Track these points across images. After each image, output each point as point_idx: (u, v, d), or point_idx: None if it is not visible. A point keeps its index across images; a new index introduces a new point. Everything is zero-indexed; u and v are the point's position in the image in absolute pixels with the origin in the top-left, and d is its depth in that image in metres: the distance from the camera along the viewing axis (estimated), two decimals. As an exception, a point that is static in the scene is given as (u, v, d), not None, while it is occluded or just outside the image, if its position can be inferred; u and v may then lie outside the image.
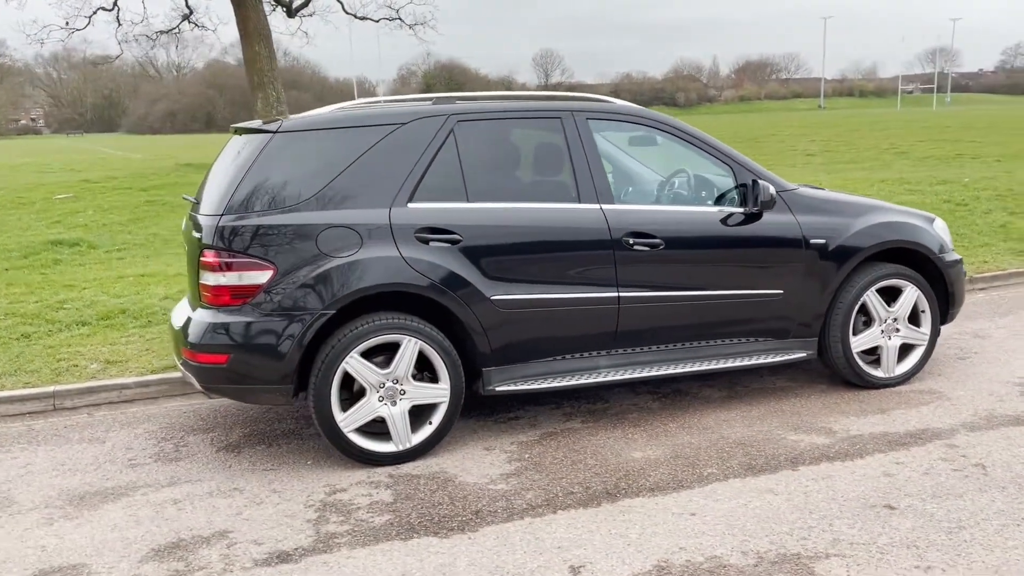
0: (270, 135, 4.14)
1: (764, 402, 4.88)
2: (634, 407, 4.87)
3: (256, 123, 4.46)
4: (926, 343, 5.10)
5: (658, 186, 5.21)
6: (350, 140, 4.20)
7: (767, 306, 4.75)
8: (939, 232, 5.15)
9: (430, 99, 4.57)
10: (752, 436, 4.36)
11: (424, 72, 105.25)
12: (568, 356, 4.45)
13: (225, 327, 3.98)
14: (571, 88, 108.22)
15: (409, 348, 4.12)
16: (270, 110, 16.48)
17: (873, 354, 5.03)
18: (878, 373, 5.01)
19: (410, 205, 4.18)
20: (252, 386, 4.05)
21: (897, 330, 5.03)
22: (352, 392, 4.15)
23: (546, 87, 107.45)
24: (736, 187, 4.73)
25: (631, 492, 3.77)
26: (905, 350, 5.08)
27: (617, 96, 5.30)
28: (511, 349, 4.33)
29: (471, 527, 3.51)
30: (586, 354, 4.49)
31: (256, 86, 17.24)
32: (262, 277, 3.99)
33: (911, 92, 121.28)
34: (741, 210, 4.68)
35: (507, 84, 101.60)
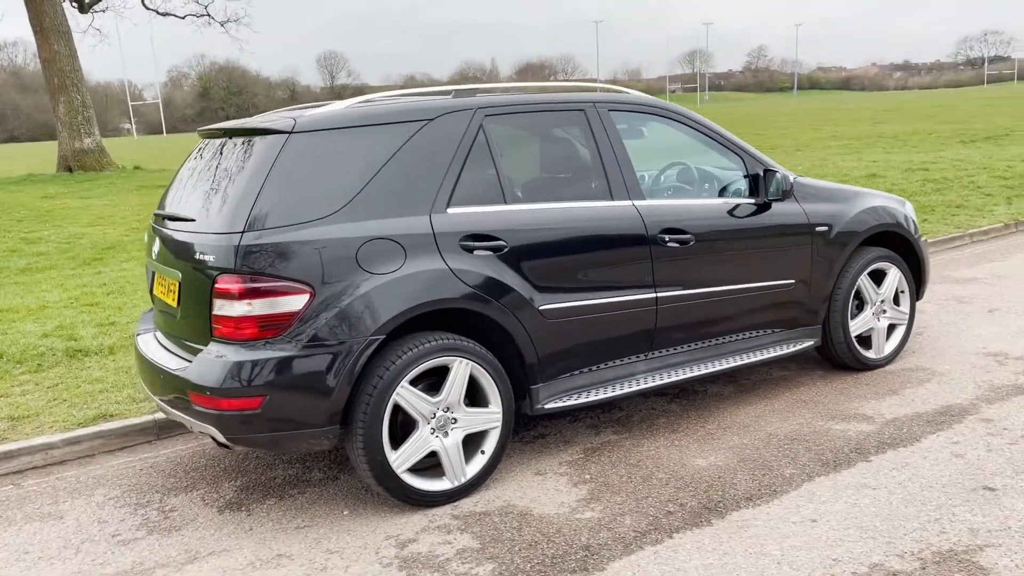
0: (284, 136, 3.52)
1: (779, 394, 4.83)
2: (655, 412, 4.65)
3: (255, 122, 3.79)
4: (907, 322, 5.27)
5: (650, 179, 5.02)
6: (378, 139, 3.66)
7: (782, 296, 4.69)
8: (910, 214, 5.33)
9: (449, 92, 4.10)
10: (798, 430, 4.27)
11: (200, 74, 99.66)
12: (607, 365, 4.16)
13: (257, 365, 3.33)
14: (359, 90, 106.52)
15: (461, 371, 3.66)
16: (75, 115, 14.72)
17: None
18: (871, 355, 5.11)
19: (449, 210, 3.71)
20: (293, 432, 3.42)
21: (884, 311, 5.16)
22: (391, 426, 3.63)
23: (332, 89, 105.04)
24: (746, 177, 4.63)
25: (731, 504, 3.54)
26: (889, 331, 5.22)
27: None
28: (557, 363, 3.97)
29: (596, 566, 3.14)
30: (625, 360, 4.21)
31: (57, 89, 15.34)
32: (297, 302, 3.37)
33: (675, 91, 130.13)
34: (757, 200, 4.58)
35: (290, 86, 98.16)
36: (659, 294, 4.20)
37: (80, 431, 4.60)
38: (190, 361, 3.57)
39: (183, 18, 23.60)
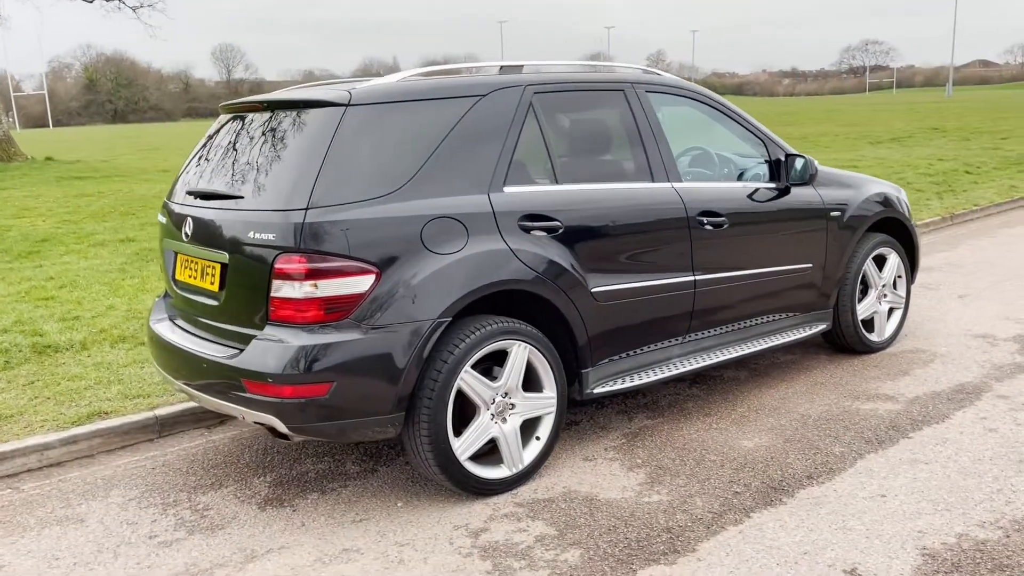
0: (342, 108, 3.33)
1: (794, 377, 4.90)
2: (681, 396, 4.65)
3: (304, 94, 3.58)
4: (903, 306, 5.43)
5: None
6: (435, 114, 3.51)
7: (801, 280, 4.76)
8: (904, 200, 5.49)
9: (494, 68, 3.97)
10: (828, 411, 4.34)
11: (85, 65, 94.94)
12: (647, 349, 4.12)
13: (324, 350, 3.14)
14: (256, 85, 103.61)
15: (520, 355, 3.56)
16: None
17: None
18: (874, 338, 5.24)
19: (506, 189, 3.59)
20: (360, 419, 3.24)
21: (885, 295, 5.30)
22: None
23: (228, 83, 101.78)
24: (767, 162, 4.68)
25: (794, 483, 3.55)
26: (887, 314, 5.36)
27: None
28: (604, 347, 3.91)
29: (684, 547, 3.09)
30: (663, 344, 4.18)
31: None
32: (363, 283, 3.20)
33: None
34: (779, 185, 4.63)
35: (184, 79, 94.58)
36: (697, 277, 4.19)
37: (77, 430, 4.27)
38: (237, 348, 3.35)
39: (91, 1, 22.28)
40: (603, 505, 3.44)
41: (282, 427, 3.21)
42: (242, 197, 3.38)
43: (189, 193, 3.72)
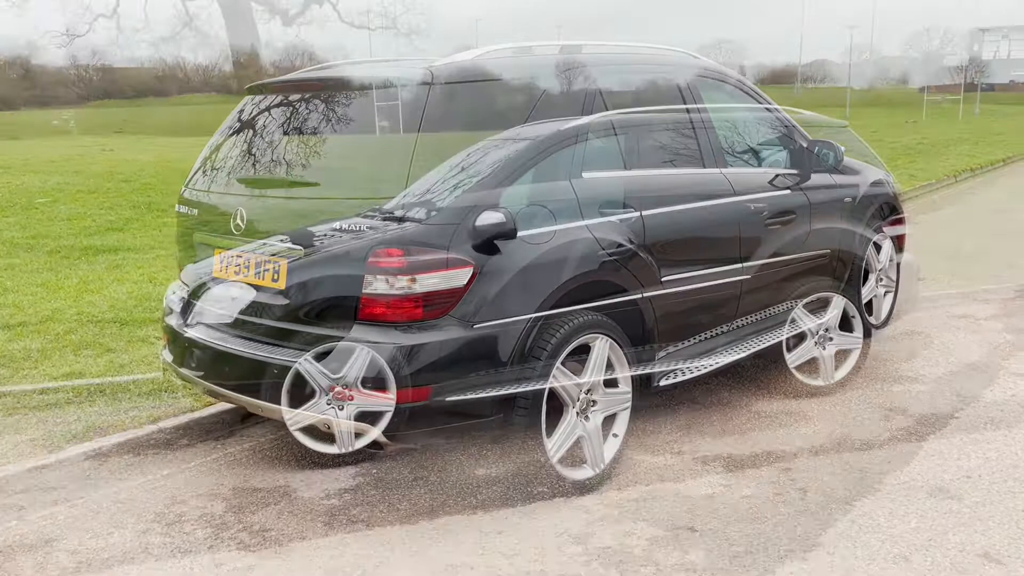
0: (426, 87, 3.05)
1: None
2: (712, 385, 4.58)
3: (371, 72, 3.26)
4: (895, 289, 5.57)
5: None
6: (513, 94, 3.28)
7: (822, 264, 4.78)
8: (892, 184, 5.62)
9: (554, 47, 3.75)
10: (864, 394, 4.39)
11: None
12: (699, 338, 4.02)
13: (424, 350, 2.87)
14: (107, 71, 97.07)
15: (602, 349, 3.39)
16: None
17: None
18: (873, 320, 5.34)
19: (584, 175, 3.40)
20: (460, 423, 2.99)
21: (881, 279, 5.42)
22: None
23: (76, 68, 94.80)
24: (790, 149, 4.66)
25: (880, 467, 3.55)
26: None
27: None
28: (667, 336, 3.78)
29: (806, 541, 3.00)
30: (712, 333, 4.10)
31: None
32: (462, 277, 2.94)
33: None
34: (802, 172, 4.63)
35: (24, 63, 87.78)
36: (744, 264, 4.12)
37: (74, 449, 3.80)
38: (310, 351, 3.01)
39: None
40: (699, 500, 3.32)
41: (378, 436, 2.91)
42: (318, 184, 3.05)
43: (240, 181, 3.32)
